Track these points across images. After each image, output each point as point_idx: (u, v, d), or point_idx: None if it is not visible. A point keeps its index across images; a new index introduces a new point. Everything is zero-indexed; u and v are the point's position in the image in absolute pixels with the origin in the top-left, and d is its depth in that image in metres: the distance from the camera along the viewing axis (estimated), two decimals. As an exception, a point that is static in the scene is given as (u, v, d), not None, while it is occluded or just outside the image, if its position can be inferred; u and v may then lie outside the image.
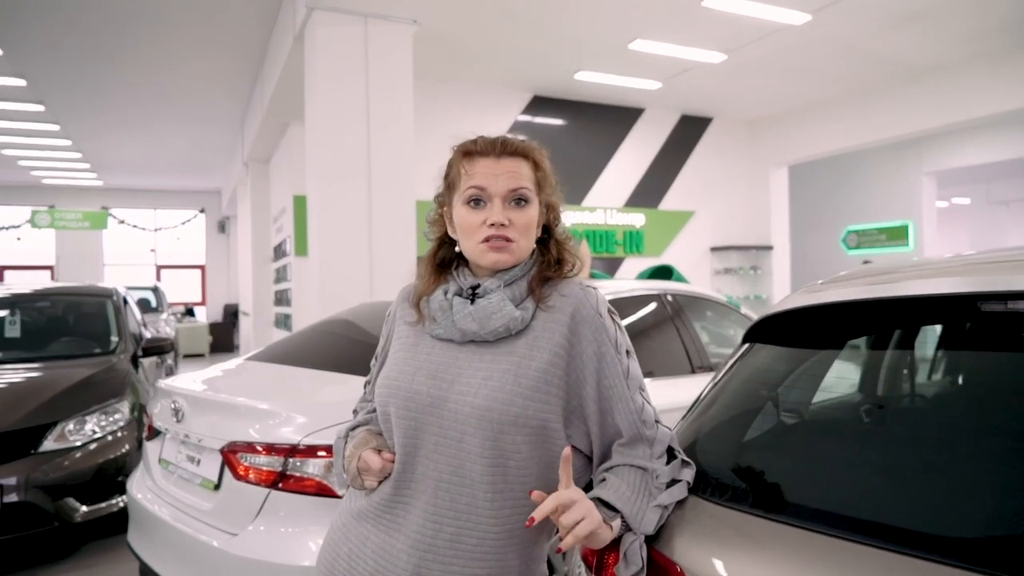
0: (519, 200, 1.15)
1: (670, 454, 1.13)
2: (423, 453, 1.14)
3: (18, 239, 15.78)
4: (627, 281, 3.54)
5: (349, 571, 1.19)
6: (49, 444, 3.59)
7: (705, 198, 10.11)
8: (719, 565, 0.96)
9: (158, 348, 4.91)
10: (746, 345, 1.34)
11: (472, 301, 1.15)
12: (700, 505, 1.07)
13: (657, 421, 1.14)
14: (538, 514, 0.97)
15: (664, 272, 4.21)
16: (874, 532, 0.92)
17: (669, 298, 3.30)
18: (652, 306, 3.23)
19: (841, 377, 1.33)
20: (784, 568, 0.92)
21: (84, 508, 3.60)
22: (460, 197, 1.17)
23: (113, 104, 9.13)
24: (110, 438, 3.80)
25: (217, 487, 2.24)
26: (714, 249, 10.21)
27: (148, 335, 5.48)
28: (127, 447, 3.82)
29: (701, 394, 1.35)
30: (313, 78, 5.00)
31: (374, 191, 4.95)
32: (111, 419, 3.88)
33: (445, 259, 1.23)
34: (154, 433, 2.70)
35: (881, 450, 1.14)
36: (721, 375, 1.34)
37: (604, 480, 1.10)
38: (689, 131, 10.00)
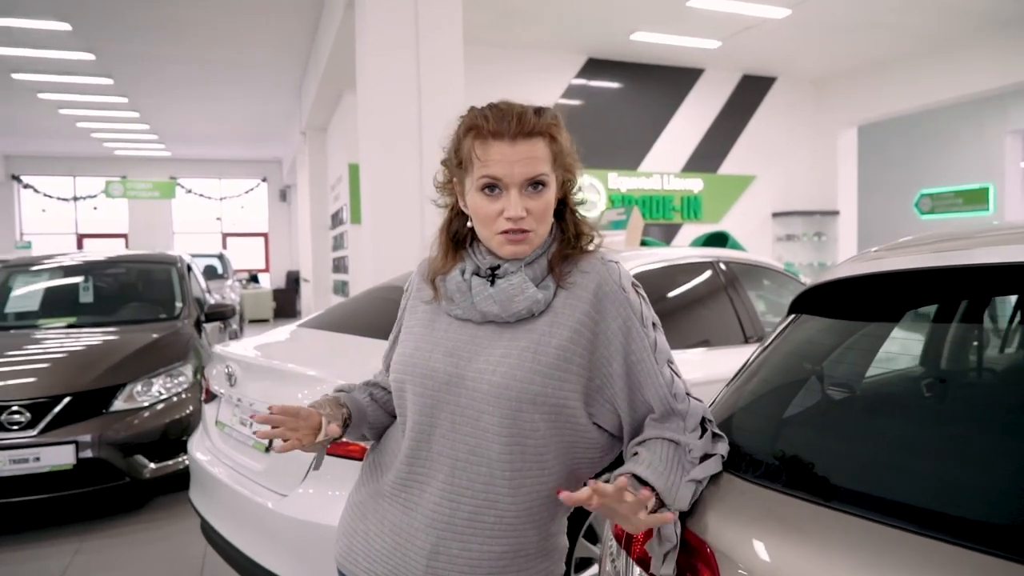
0: (536, 185, 1.09)
1: (703, 427, 1.09)
2: (440, 432, 1.12)
3: (94, 208, 16.56)
4: (679, 248, 3.45)
5: (366, 548, 1.19)
6: (119, 404, 3.79)
7: (767, 162, 9.75)
8: (752, 547, 0.92)
9: (220, 313, 5.09)
10: (792, 316, 1.28)
11: (492, 282, 1.11)
12: (733, 482, 1.03)
13: (688, 394, 1.10)
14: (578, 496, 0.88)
15: (719, 239, 4.08)
16: (923, 519, 0.86)
17: (722, 266, 3.20)
18: (704, 274, 3.13)
19: (894, 352, 1.25)
20: (820, 552, 0.87)
21: (152, 465, 3.79)
22: (473, 183, 1.10)
23: (176, 76, 9.37)
24: (175, 399, 3.98)
25: (267, 449, 2.31)
26: (776, 215, 9.87)
27: (212, 301, 5.68)
28: (191, 408, 3.99)
29: (742, 367, 1.29)
30: (364, 45, 5.00)
31: (425, 158, 4.94)
32: (176, 381, 4.05)
33: (459, 233, 1.18)
34: (211, 396, 2.80)
35: (939, 431, 1.07)
36: (764, 347, 1.28)
37: (636, 454, 1.07)
38: (751, 92, 9.61)
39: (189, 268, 5.50)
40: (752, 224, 9.68)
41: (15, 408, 3.57)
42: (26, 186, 16.20)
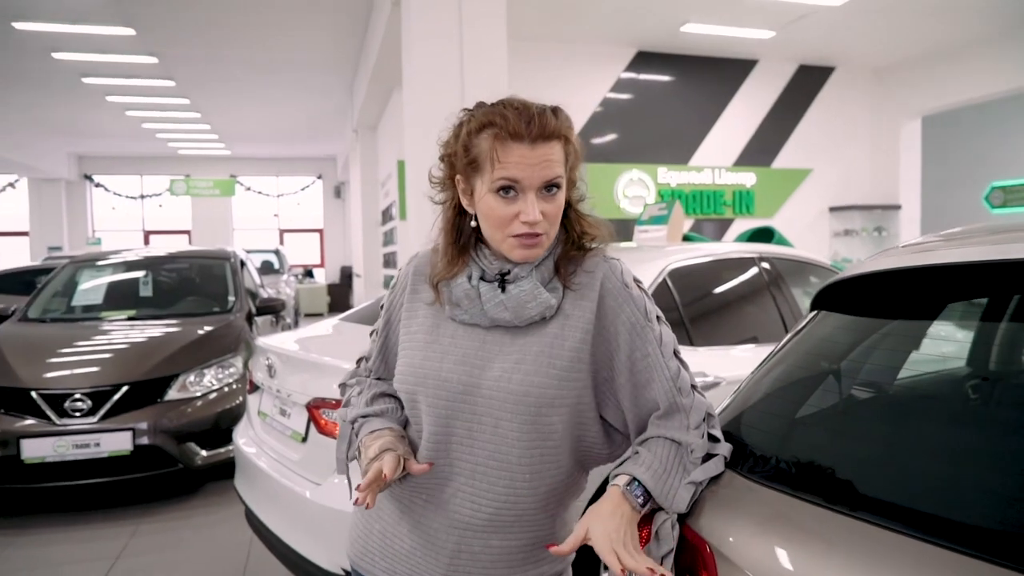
0: (551, 188, 1.07)
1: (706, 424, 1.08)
2: (456, 439, 1.11)
3: (160, 206, 17.26)
4: (721, 243, 3.38)
5: (383, 548, 1.20)
6: (173, 394, 3.94)
7: (824, 155, 9.44)
8: (752, 547, 0.90)
9: (270, 308, 5.25)
10: (814, 312, 1.23)
11: (502, 288, 1.09)
12: (738, 482, 1.00)
13: (694, 387, 1.09)
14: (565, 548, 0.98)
15: (764, 235, 3.98)
16: (935, 527, 0.83)
17: (765, 262, 3.12)
18: (745, 269, 3.06)
19: (924, 353, 1.19)
20: (821, 556, 0.84)
21: (204, 453, 3.93)
22: (489, 184, 1.06)
23: (234, 77, 9.67)
24: (226, 389, 4.12)
25: (304, 439, 2.37)
26: (833, 209, 9.55)
27: (266, 295, 5.86)
28: (240, 399, 4.12)
29: (759, 365, 1.26)
30: (409, 40, 5.06)
31: (469, 154, 4.97)
32: (226, 372, 4.19)
33: (463, 234, 1.14)
34: (254, 387, 2.89)
35: (965, 437, 1.02)
36: (782, 344, 1.24)
37: (637, 454, 1.06)
38: (807, 82, 9.32)
39: (242, 263, 5.67)
40: (808, 219, 9.41)
41: (78, 396, 3.76)
42: (97, 185, 17.00)
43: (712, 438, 1.06)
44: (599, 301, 1.10)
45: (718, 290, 3.02)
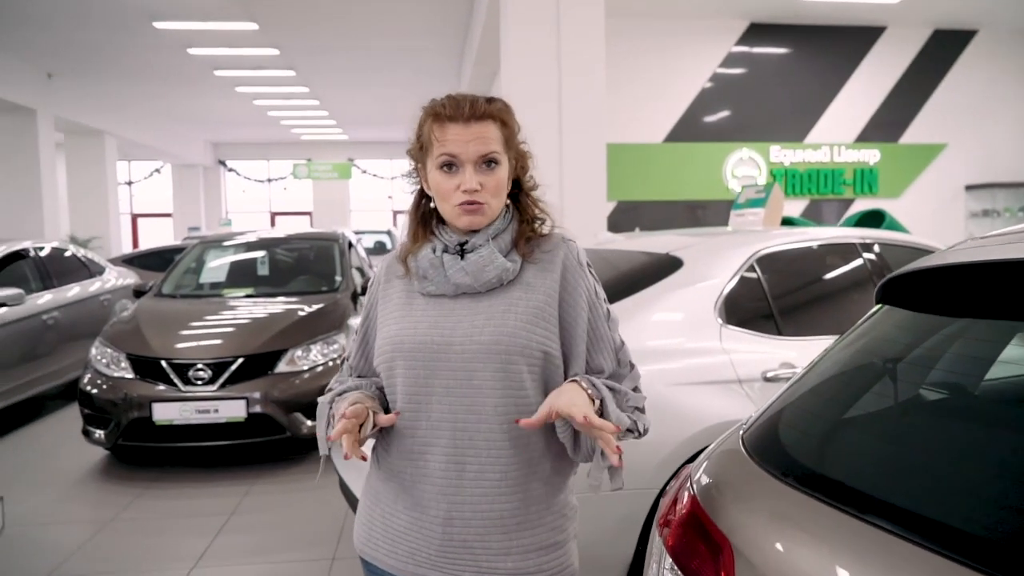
0: (489, 163, 1.19)
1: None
2: (436, 398, 1.17)
3: (284, 189, 18.37)
4: (820, 228, 3.19)
5: (384, 530, 1.24)
6: (282, 367, 4.23)
7: (961, 127, 8.63)
8: (777, 553, 0.86)
9: (373, 287, 5.49)
10: (878, 307, 1.15)
11: (462, 257, 1.20)
12: (768, 483, 0.96)
13: (631, 363, 1.23)
14: (536, 420, 1.05)
15: (874, 219, 3.70)
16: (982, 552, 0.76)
17: (869, 250, 2.91)
18: (845, 256, 2.88)
19: (1010, 356, 1.07)
20: (853, 571, 0.79)
21: (309, 423, 4.19)
22: (433, 162, 1.20)
23: (349, 65, 10.10)
24: (330, 364, 4.36)
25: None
26: (971, 188, 8.74)
27: (371, 275, 6.13)
28: (342, 374, 4.36)
29: (812, 362, 1.19)
30: (506, 24, 5.09)
31: (565, 135, 4.96)
32: (331, 348, 4.44)
33: (425, 214, 1.28)
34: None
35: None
36: (840, 340, 1.17)
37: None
38: (943, 49, 8.52)
39: (350, 244, 5.96)
40: (940, 198, 8.66)
41: (200, 366, 4.11)
42: (230, 170, 18.33)
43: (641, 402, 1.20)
44: (563, 277, 1.22)
45: (812, 278, 2.86)
